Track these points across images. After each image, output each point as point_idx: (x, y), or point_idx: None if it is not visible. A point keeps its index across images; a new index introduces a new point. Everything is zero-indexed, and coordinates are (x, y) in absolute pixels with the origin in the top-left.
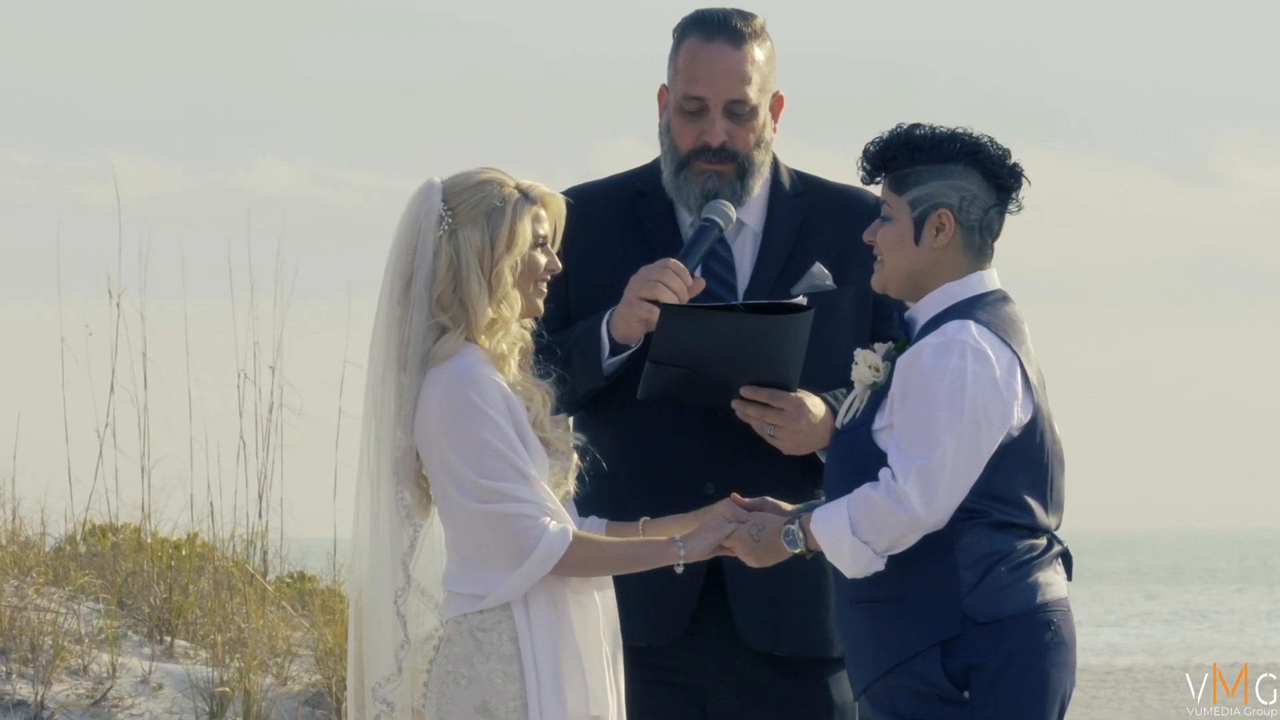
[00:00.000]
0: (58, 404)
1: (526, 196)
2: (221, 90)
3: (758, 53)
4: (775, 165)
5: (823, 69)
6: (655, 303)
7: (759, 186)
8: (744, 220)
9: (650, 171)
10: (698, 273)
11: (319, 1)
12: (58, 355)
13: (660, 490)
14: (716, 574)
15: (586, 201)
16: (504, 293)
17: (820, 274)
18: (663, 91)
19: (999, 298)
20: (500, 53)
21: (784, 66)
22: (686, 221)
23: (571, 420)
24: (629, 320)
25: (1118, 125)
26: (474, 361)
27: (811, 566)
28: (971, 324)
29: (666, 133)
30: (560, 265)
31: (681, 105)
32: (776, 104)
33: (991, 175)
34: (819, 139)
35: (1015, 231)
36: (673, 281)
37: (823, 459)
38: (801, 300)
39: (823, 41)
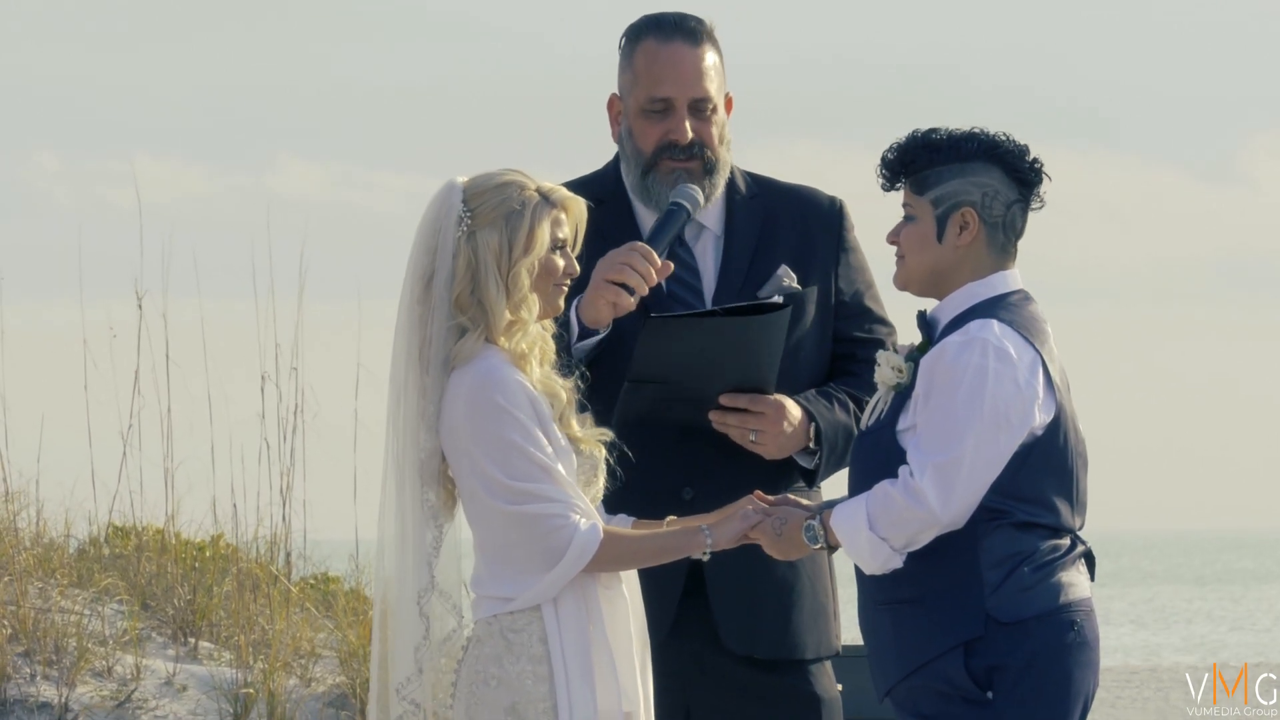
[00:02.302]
0: (81, 406)
1: (547, 199)
2: (248, 93)
3: (712, 52)
4: (730, 161)
5: (845, 71)
6: (648, 316)
7: (722, 185)
8: (704, 223)
9: (603, 178)
10: (665, 256)
11: (346, 5)
12: (80, 357)
13: (639, 495)
14: (697, 579)
15: None
16: (521, 295)
17: (786, 275)
18: (613, 100)
19: (1022, 297)
20: (528, 56)
21: (805, 70)
22: (647, 224)
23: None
24: (596, 304)
25: (1146, 126)
26: (497, 363)
27: (787, 569)
28: (994, 323)
29: (629, 137)
30: (579, 269)
31: (646, 108)
32: (727, 105)
33: (1012, 170)
34: (841, 140)
35: (1043, 232)
36: (639, 264)
37: (800, 461)
38: (778, 299)
39: (845, 43)
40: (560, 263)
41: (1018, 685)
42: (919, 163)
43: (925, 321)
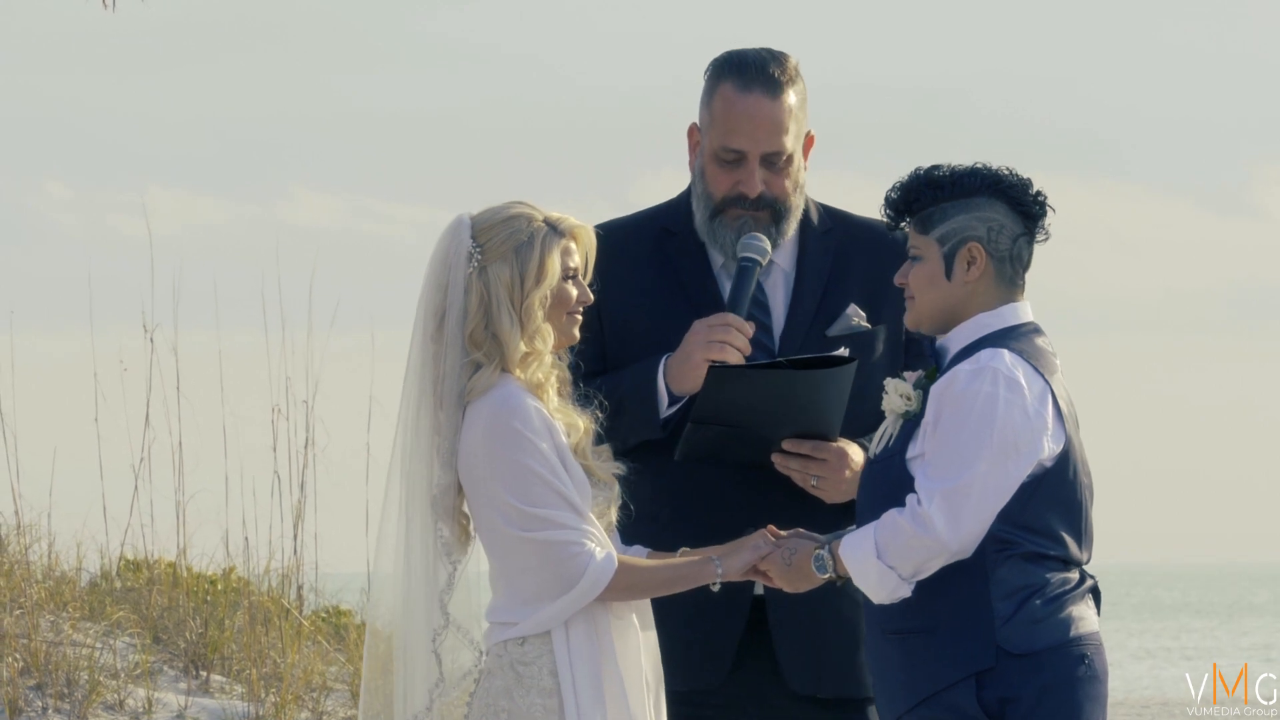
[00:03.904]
0: (92, 439)
1: (555, 229)
2: (260, 123)
3: (793, 99)
4: (804, 202)
5: (852, 98)
6: (710, 365)
7: (792, 231)
8: (775, 260)
9: (676, 208)
10: (719, 293)
11: (359, 35)
12: (92, 390)
13: (699, 535)
14: (760, 615)
15: (615, 239)
16: (535, 327)
17: (855, 315)
18: (693, 130)
19: (1032, 329)
20: (542, 86)
21: (819, 96)
22: (718, 261)
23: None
24: (692, 379)
25: (1156, 156)
26: (515, 390)
27: (850, 606)
28: (1005, 352)
29: (700, 177)
30: (592, 297)
31: (718, 155)
32: (807, 144)
33: (1016, 203)
34: (853, 168)
35: (1054, 262)
36: (737, 340)
37: None
38: (844, 351)
39: (852, 70)
40: (573, 291)
41: (1030, 717)
42: (923, 200)
43: (934, 350)
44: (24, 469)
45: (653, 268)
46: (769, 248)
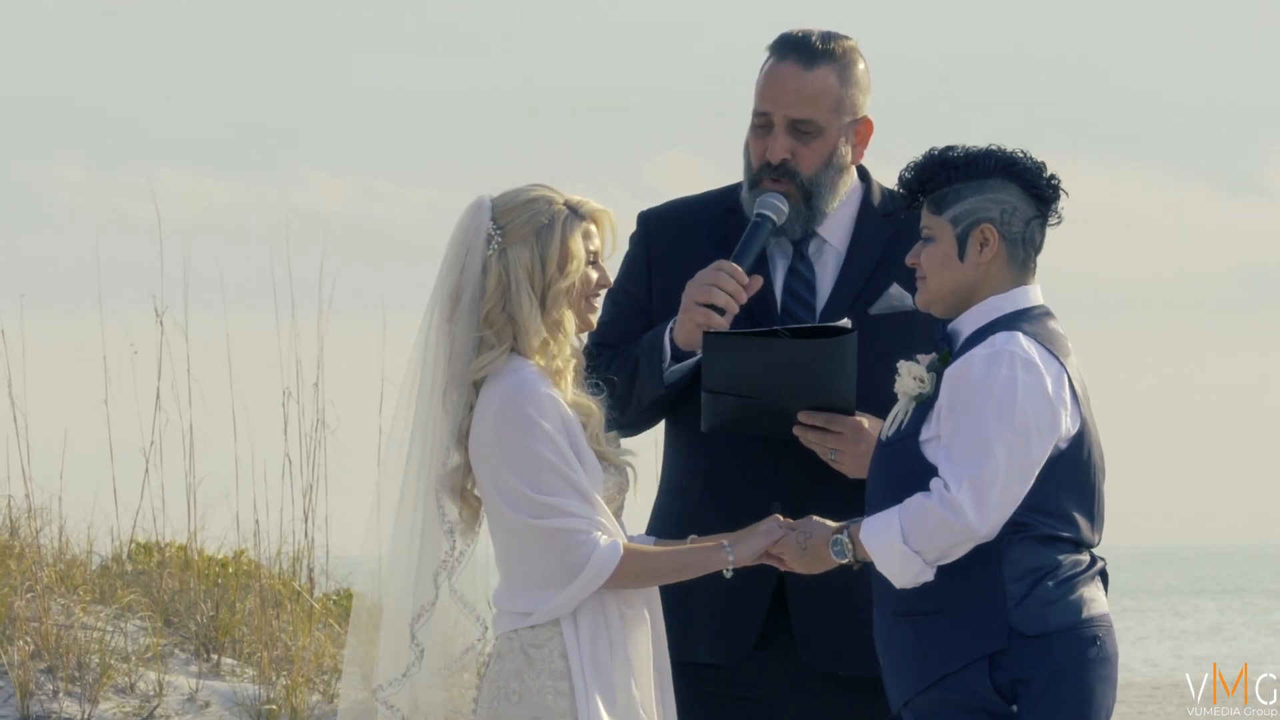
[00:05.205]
0: (103, 422)
1: (576, 213)
2: (272, 106)
3: (834, 73)
4: (868, 184)
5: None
6: (705, 332)
7: (831, 208)
8: (827, 238)
9: (737, 188)
10: (770, 271)
11: (370, 18)
12: (102, 372)
13: (730, 509)
14: (781, 593)
15: (677, 220)
16: (559, 312)
17: (898, 295)
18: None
19: (1043, 312)
20: (554, 69)
21: None
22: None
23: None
24: (687, 326)
25: (1170, 138)
26: (530, 376)
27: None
28: (1020, 335)
29: (745, 150)
30: (611, 280)
31: (753, 121)
32: (864, 127)
33: (1030, 186)
34: (868, 151)
35: (1069, 245)
36: (726, 283)
37: None
38: (846, 323)
39: (870, 53)
40: (594, 275)
41: (1042, 699)
42: (937, 180)
43: (945, 333)
44: (34, 452)
45: (709, 246)
46: (785, 209)
